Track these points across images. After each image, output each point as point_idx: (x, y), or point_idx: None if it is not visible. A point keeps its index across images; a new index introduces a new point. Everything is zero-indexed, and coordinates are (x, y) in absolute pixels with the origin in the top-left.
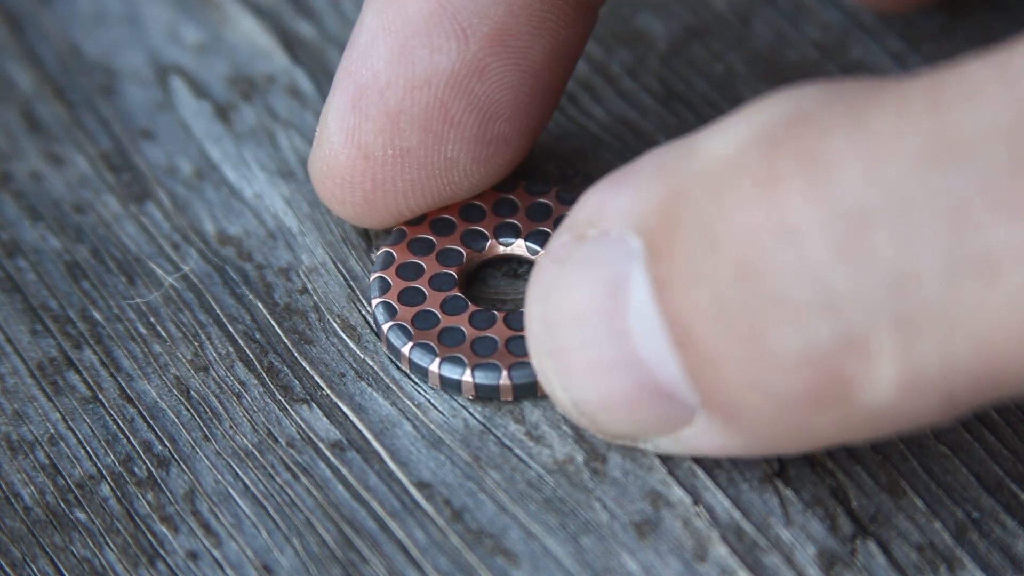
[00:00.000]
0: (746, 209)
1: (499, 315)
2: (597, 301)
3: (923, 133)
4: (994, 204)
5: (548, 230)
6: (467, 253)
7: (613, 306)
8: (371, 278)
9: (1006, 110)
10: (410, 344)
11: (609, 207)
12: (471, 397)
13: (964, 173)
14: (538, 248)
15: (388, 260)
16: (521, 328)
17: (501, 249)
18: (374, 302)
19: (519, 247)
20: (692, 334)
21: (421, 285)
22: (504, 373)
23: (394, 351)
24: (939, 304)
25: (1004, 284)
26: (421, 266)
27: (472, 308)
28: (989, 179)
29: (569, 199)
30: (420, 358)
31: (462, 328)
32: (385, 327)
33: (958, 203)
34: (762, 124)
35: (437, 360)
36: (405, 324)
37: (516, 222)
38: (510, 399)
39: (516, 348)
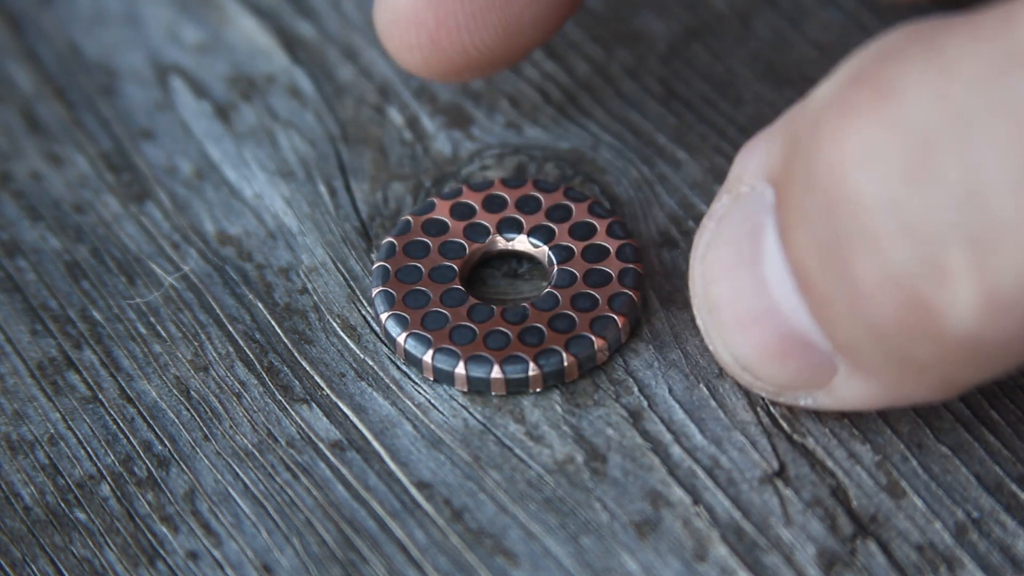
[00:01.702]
0: (830, 143)
1: (497, 309)
2: (741, 254)
3: (989, 51)
4: None
5: (551, 226)
6: (469, 246)
7: (752, 257)
8: (374, 266)
9: None
10: (405, 334)
11: (750, 163)
12: (464, 390)
13: None
14: (540, 243)
15: (391, 250)
16: (518, 322)
17: (502, 244)
18: (374, 291)
19: (521, 242)
20: (808, 276)
21: (424, 283)
22: (496, 367)
23: (391, 340)
24: (1008, 218)
25: None
26: (425, 252)
27: (472, 301)
28: None
29: (579, 196)
30: (415, 348)
31: (467, 324)
32: (383, 316)
33: (1022, 114)
34: (854, 64)
35: (431, 351)
36: (403, 315)
37: (519, 217)
38: (503, 393)
39: (521, 341)
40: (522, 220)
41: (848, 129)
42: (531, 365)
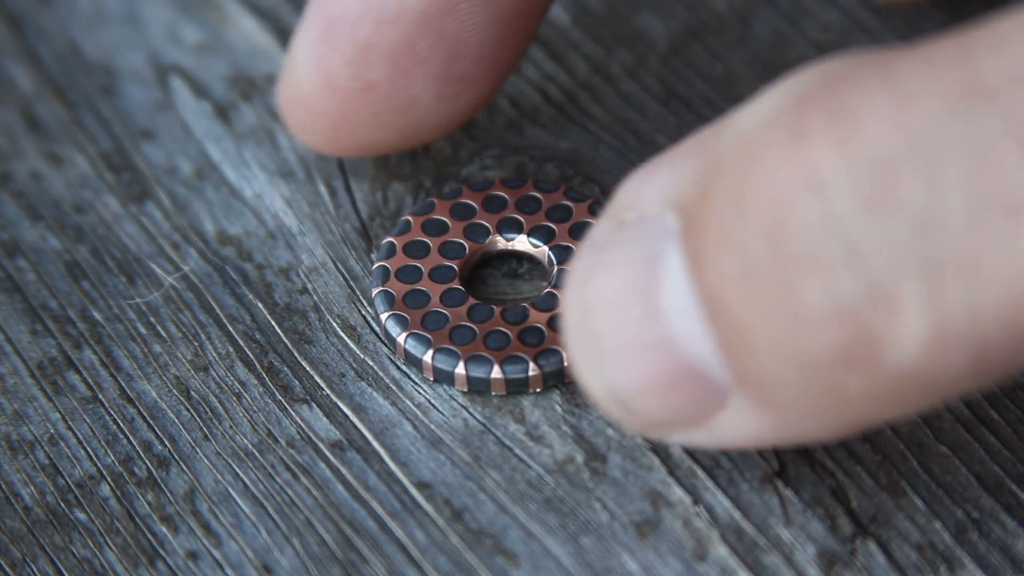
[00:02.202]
0: (773, 165)
1: (497, 309)
2: (632, 282)
3: (949, 81)
4: (1017, 144)
5: (551, 226)
6: (469, 246)
7: (648, 286)
8: (374, 266)
9: None
10: (405, 334)
11: (647, 190)
12: (464, 390)
13: (989, 117)
14: (540, 243)
15: (390, 250)
16: (518, 322)
17: (503, 244)
18: (374, 291)
19: (521, 242)
20: (723, 304)
21: (424, 283)
22: (496, 367)
23: (391, 340)
24: (965, 250)
25: None
26: (425, 252)
27: (471, 301)
28: (1014, 121)
29: (579, 196)
30: (414, 348)
31: (467, 324)
32: (383, 316)
33: (983, 146)
34: (793, 89)
35: (431, 351)
36: (403, 315)
37: (519, 217)
38: (503, 393)
39: (524, 341)
40: (522, 220)
41: (800, 153)
42: (531, 365)
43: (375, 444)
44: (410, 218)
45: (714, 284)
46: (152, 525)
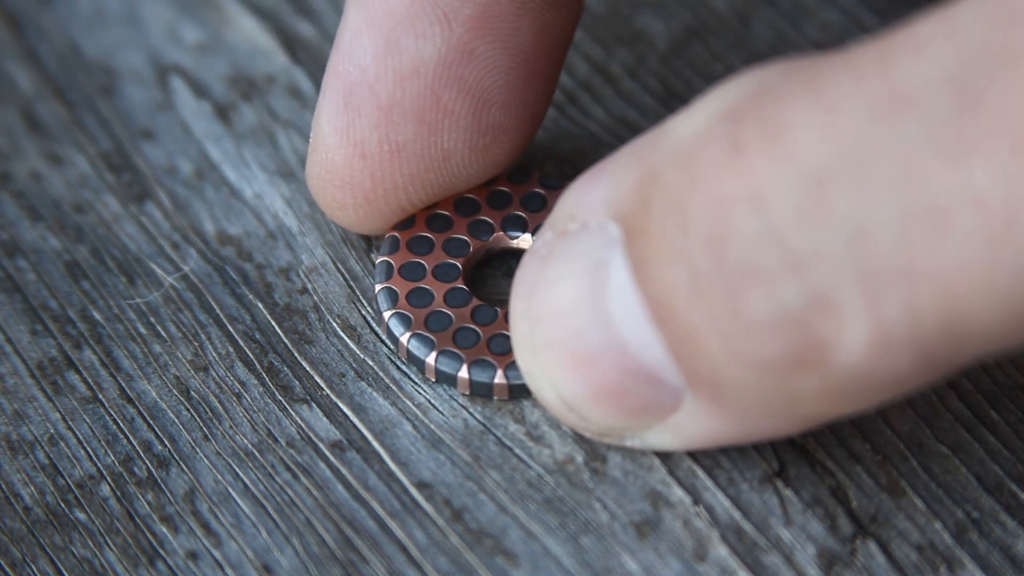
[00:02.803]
0: (713, 180)
1: (500, 311)
2: (579, 291)
3: (872, 90)
4: (940, 152)
5: None
6: (473, 244)
7: (594, 294)
8: (377, 260)
9: (949, 59)
10: (408, 334)
11: (587, 199)
12: (466, 393)
13: (911, 124)
14: None
15: (394, 245)
16: None
17: (506, 242)
18: (377, 287)
19: (525, 241)
20: (671, 310)
21: (427, 280)
22: (499, 372)
23: (393, 339)
24: (898, 258)
25: (956, 232)
26: (428, 248)
27: (475, 302)
28: (934, 128)
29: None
30: (418, 349)
31: (470, 326)
32: (387, 314)
33: (907, 155)
34: (727, 100)
35: (434, 354)
36: (407, 314)
37: (524, 215)
38: (506, 398)
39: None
40: (527, 219)
41: (737, 168)
42: None
43: (375, 444)
44: (414, 213)
45: (660, 291)
46: (152, 525)
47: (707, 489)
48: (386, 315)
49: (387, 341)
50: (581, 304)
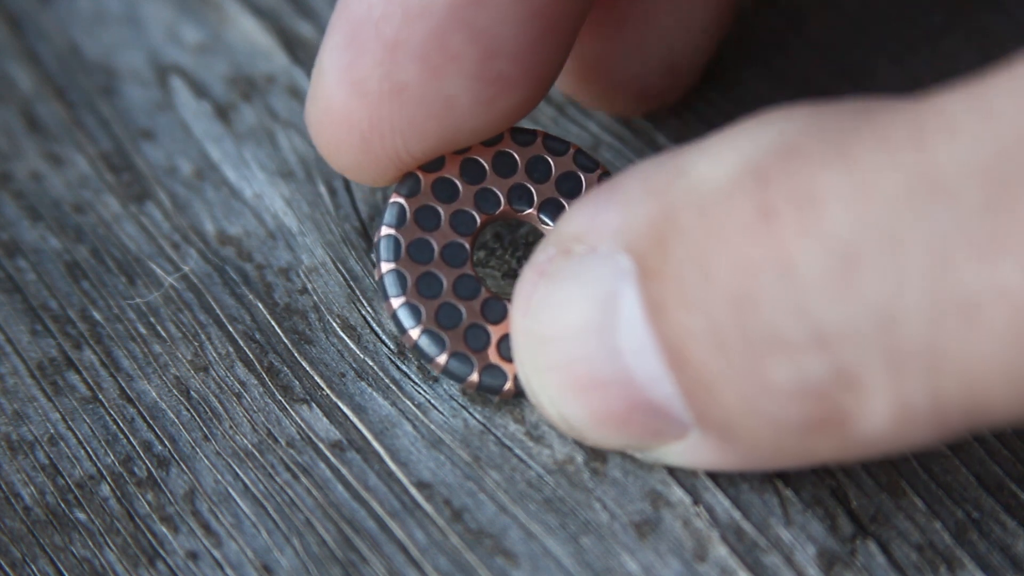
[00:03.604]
0: (741, 243)
1: (509, 307)
2: (587, 318)
3: (905, 170)
4: (971, 244)
5: (562, 201)
6: (480, 218)
7: (604, 323)
8: (380, 235)
9: (983, 147)
10: (419, 329)
11: (597, 224)
12: (468, 392)
13: (942, 213)
14: (549, 223)
15: (400, 216)
16: None
17: (513, 215)
18: (385, 267)
19: (531, 217)
20: (686, 356)
21: (436, 264)
22: (510, 382)
23: (401, 330)
24: (924, 343)
25: (985, 325)
26: (436, 222)
27: (485, 294)
28: (966, 218)
29: (588, 164)
30: (428, 347)
31: (480, 324)
32: (395, 302)
33: (938, 243)
34: (751, 153)
35: (445, 355)
36: (417, 306)
37: (530, 186)
38: (509, 398)
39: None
40: (532, 191)
41: (764, 234)
42: None
43: (375, 444)
44: (419, 174)
45: (676, 337)
46: (152, 525)
47: (707, 489)
48: (395, 303)
49: (392, 325)
50: (588, 332)
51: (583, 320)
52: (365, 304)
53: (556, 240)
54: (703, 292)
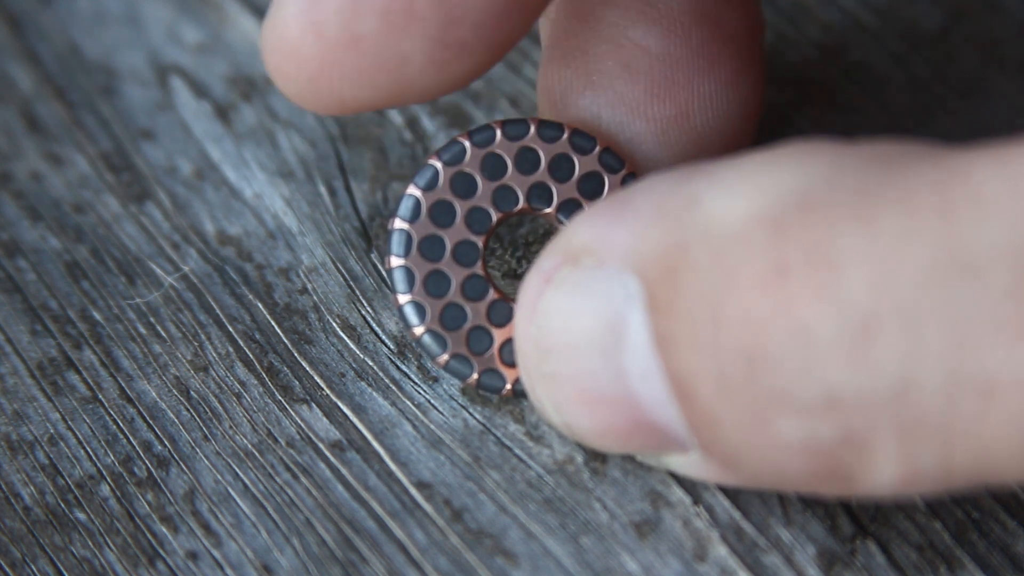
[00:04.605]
0: (753, 297)
1: (514, 309)
2: (594, 334)
3: (931, 246)
4: (994, 326)
5: (582, 201)
6: (496, 216)
7: (609, 343)
8: (393, 226)
9: (1012, 226)
10: (423, 328)
11: (606, 239)
12: (473, 389)
13: (968, 291)
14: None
15: (415, 210)
16: None
17: (530, 213)
18: (394, 261)
19: (549, 216)
20: (693, 393)
21: (446, 263)
22: (508, 386)
23: (407, 326)
24: (938, 417)
25: (1001, 405)
26: (451, 219)
27: (493, 296)
28: (989, 300)
29: (613, 165)
30: (430, 346)
31: (484, 327)
32: (402, 299)
33: (961, 321)
34: (769, 198)
35: (446, 356)
36: (422, 305)
37: (551, 185)
38: (509, 397)
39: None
40: (553, 190)
41: (777, 291)
42: None
43: (375, 444)
44: (438, 167)
45: (683, 374)
46: (152, 525)
47: (707, 489)
48: (402, 300)
49: (392, 324)
50: (594, 349)
51: (589, 335)
52: (365, 304)
53: (564, 248)
54: (713, 337)
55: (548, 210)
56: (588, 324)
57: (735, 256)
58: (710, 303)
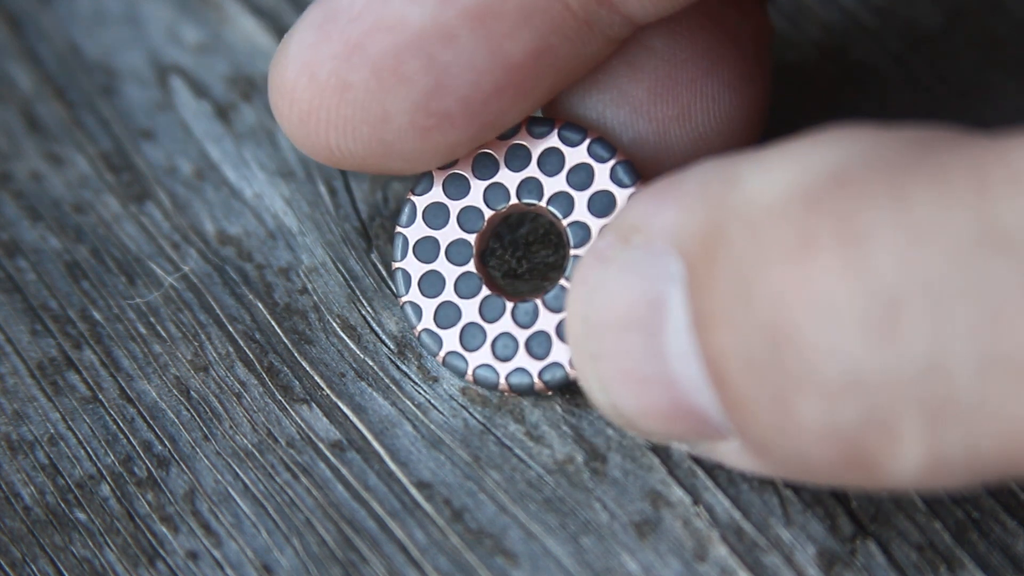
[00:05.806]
0: (780, 271)
1: (508, 306)
2: (637, 313)
3: (965, 223)
4: None
5: (571, 194)
6: (488, 215)
7: (651, 322)
8: (395, 231)
9: None
10: (419, 328)
11: (655, 218)
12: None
13: (1003, 268)
14: (559, 215)
15: (411, 215)
16: (527, 325)
17: (522, 208)
18: (393, 266)
19: (540, 210)
20: (725, 375)
21: (439, 263)
22: (503, 380)
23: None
24: (967, 398)
25: None
26: (446, 217)
27: (485, 292)
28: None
29: (602, 155)
30: (426, 345)
31: (477, 323)
32: (401, 300)
33: (995, 299)
34: (804, 175)
35: (442, 354)
36: (418, 305)
37: (540, 179)
38: (507, 394)
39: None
40: (542, 183)
41: (803, 263)
42: (535, 380)
43: (375, 444)
44: (433, 172)
45: (717, 354)
46: (152, 525)
47: (707, 489)
48: (401, 300)
49: (392, 324)
50: (637, 328)
51: (632, 314)
52: (365, 304)
53: (617, 227)
54: (743, 314)
55: (540, 204)
56: (633, 302)
57: (767, 231)
58: (743, 280)
